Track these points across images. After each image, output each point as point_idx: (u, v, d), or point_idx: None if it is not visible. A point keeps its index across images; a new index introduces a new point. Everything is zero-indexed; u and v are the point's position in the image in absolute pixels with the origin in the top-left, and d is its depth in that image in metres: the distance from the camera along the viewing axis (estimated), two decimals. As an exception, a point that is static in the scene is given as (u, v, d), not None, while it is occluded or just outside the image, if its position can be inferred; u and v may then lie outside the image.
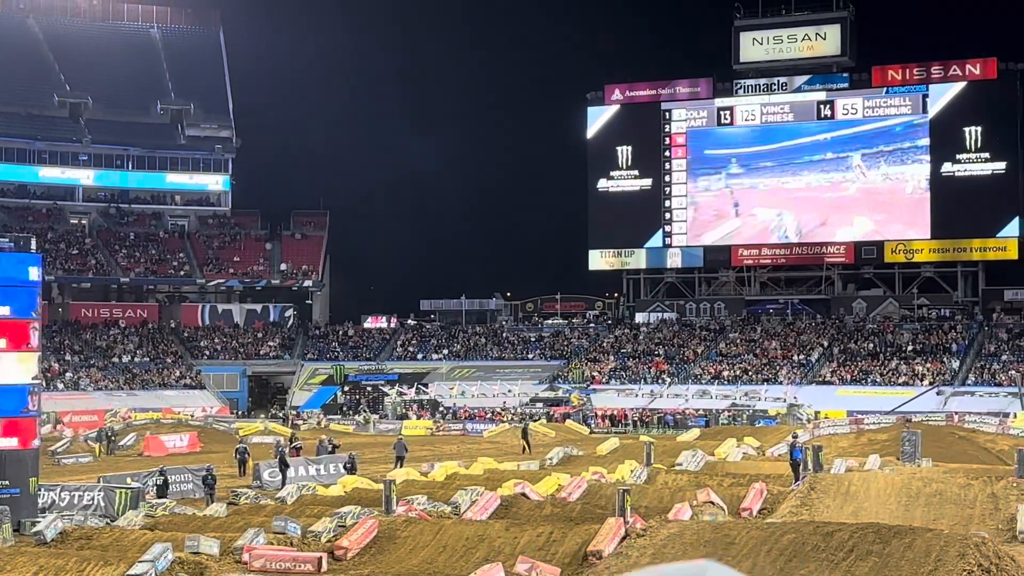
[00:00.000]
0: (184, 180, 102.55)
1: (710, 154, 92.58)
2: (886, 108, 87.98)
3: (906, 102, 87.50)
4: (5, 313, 31.52)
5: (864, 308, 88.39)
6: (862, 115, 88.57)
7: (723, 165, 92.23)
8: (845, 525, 24.26)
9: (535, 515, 30.71)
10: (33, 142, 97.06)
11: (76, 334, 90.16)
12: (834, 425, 60.46)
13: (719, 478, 38.03)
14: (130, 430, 61.68)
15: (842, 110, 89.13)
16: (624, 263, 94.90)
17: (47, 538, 28.14)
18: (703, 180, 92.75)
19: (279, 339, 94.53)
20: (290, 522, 28.28)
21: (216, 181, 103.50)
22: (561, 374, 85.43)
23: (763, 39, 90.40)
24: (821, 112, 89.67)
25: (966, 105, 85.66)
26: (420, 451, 55.11)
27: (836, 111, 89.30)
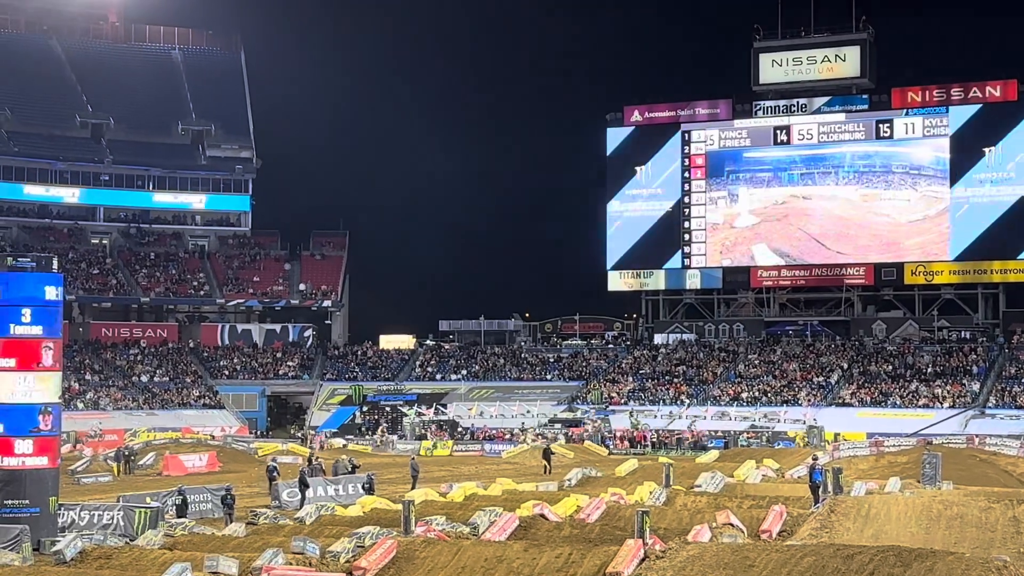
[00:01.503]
0: (205, 200, 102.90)
1: (729, 175, 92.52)
2: (906, 130, 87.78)
3: (926, 124, 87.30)
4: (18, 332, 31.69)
5: (884, 330, 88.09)
6: (882, 136, 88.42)
7: (742, 186, 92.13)
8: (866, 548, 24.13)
9: (554, 536, 30.63)
10: (55, 162, 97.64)
11: (96, 353, 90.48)
12: (854, 447, 60.27)
13: (738, 500, 37.88)
14: (149, 449, 61.80)
15: (861, 132, 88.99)
16: (643, 284, 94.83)
17: (67, 557, 28.18)
18: (722, 201, 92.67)
19: (298, 359, 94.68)
20: (309, 542, 28.28)
21: (236, 202, 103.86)
22: (580, 395, 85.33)
23: (782, 60, 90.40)
24: (841, 134, 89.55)
25: (986, 126, 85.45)
26: (438, 472, 55.11)
27: (855, 133, 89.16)
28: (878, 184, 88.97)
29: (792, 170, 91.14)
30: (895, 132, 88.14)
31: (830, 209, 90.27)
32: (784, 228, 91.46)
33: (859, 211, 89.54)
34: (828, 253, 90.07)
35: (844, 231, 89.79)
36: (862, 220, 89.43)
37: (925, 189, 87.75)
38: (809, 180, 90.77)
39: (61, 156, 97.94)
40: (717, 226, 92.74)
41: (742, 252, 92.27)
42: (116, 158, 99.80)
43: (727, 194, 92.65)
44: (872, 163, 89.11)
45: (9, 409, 31.96)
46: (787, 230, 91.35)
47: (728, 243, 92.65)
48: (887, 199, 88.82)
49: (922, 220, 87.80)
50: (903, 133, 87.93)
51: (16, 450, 31.50)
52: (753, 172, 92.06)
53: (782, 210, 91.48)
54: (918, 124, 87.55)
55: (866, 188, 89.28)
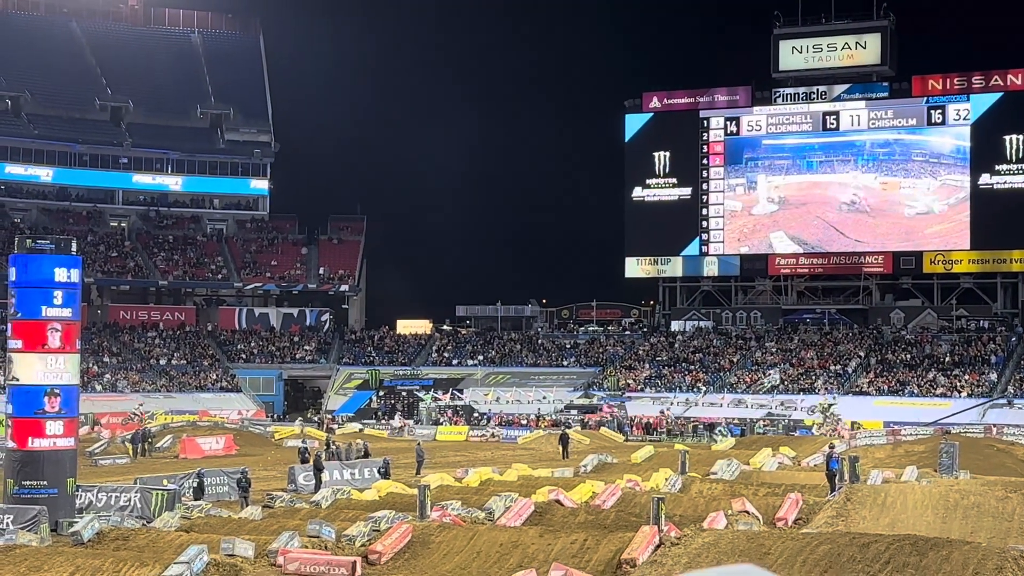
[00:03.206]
0: (223, 184, 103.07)
1: (748, 162, 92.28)
2: (926, 117, 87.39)
3: (946, 111, 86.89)
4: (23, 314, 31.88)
5: (902, 319, 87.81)
6: (902, 124, 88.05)
7: (761, 173, 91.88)
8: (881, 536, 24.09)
9: (569, 522, 30.67)
10: (74, 145, 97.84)
11: (115, 336, 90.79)
12: (871, 436, 60.14)
13: (754, 487, 37.87)
14: (166, 432, 62.05)
15: (882, 119, 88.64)
16: (660, 271, 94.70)
17: (84, 538, 28.33)
18: (740, 188, 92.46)
19: (315, 343, 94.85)
20: (324, 526, 28.38)
21: (254, 185, 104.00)
22: (596, 381, 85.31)
23: (802, 48, 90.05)
24: (861, 121, 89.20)
25: (1007, 115, 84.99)
26: (454, 457, 55.20)
27: (875, 120, 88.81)
28: (898, 172, 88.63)
29: (811, 157, 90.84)
30: (915, 120, 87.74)
31: (849, 197, 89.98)
32: (802, 216, 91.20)
33: (878, 199, 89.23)
34: (847, 241, 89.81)
35: (863, 219, 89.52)
36: (881, 208, 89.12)
37: (945, 177, 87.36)
38: (828, 168, 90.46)
39: (80, 139, 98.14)
40: (735, 213, 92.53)
41: (760, 239, 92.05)
42: (135, 141, 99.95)
43: (745, 181, 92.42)
44: (892, 151, 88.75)
45: (14, 390, 32.26)
46: (805, 218, 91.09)
47: (746, 230, 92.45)
48: (907, 187, 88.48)
49: (942, 209, 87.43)
50: (923, 121, 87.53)
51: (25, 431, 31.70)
52: (772, 159, 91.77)
53: (801, 197, 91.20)
54: (939, 111, 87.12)
55: (885, 176, 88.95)
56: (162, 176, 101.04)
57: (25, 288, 31.89)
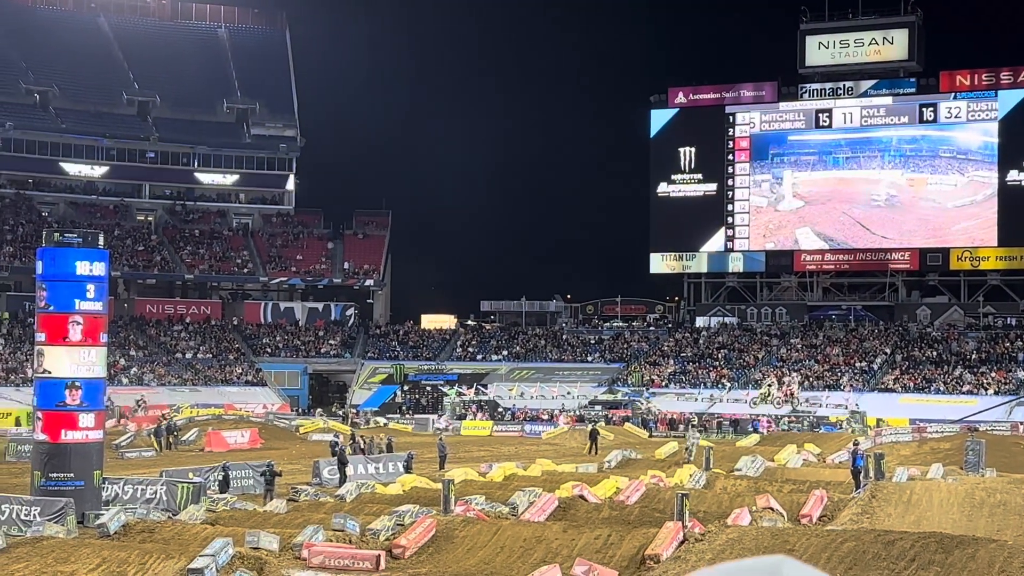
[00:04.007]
0: (248, 179, 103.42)
1: (774, 158, 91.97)
2: (954, 113, 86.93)
3: (974, 107, 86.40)
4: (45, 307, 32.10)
5: (928, 315, 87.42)
6: (929, 120, 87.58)
7: (787, 169, 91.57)
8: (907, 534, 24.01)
9: (593, 518, 30.67)
10: (101, 139, 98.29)
11: (141, 330, 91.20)
12: (896, 433, 59.95)
13: (779, 484, 37.78)
14: (192, 425, 62.31)
15: (909, 116, 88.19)
16: (685, 267, 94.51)
17: (110, 530, 28.48)
18: (766, 184, 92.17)
19: (340, 337, 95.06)
20: (349, 519, 28.44)
21: (280, 180, 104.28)
22: (620, 377, 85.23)
23: (829, 43, 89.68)
24: (887, 117, 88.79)
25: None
26: (478, 452, 55.24)
27: (902, 116, 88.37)
28: (924, 168, 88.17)
29: (837, 153, 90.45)
30: (942, 116, 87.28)
31: (875, 193, 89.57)
32: (828, 212, 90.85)
33: (905, 195, 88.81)
34: (873, 238, 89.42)
35: (889, 215, 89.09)
36: (908, 204, 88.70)
37: (972, 174, 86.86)
38: (854, 163, 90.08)
39: (108, 133, 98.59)
40: (760, 209, 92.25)
41: (786, 235, 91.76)
42: (162, 136, 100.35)
43: (771, 177, 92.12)
44: (919, 147, 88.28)
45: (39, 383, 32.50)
46: (831, 214, 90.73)
47: (772, 226, 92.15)
48: (934, 184, 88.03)
49: (969, 205, 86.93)
50: (950, 117, 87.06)
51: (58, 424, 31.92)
52: (798, 155, 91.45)
53: (827, 193, 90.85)
54: (966, 108, 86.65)
55: (912, 172, 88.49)
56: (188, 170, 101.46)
57: (53, 282, 32.06)
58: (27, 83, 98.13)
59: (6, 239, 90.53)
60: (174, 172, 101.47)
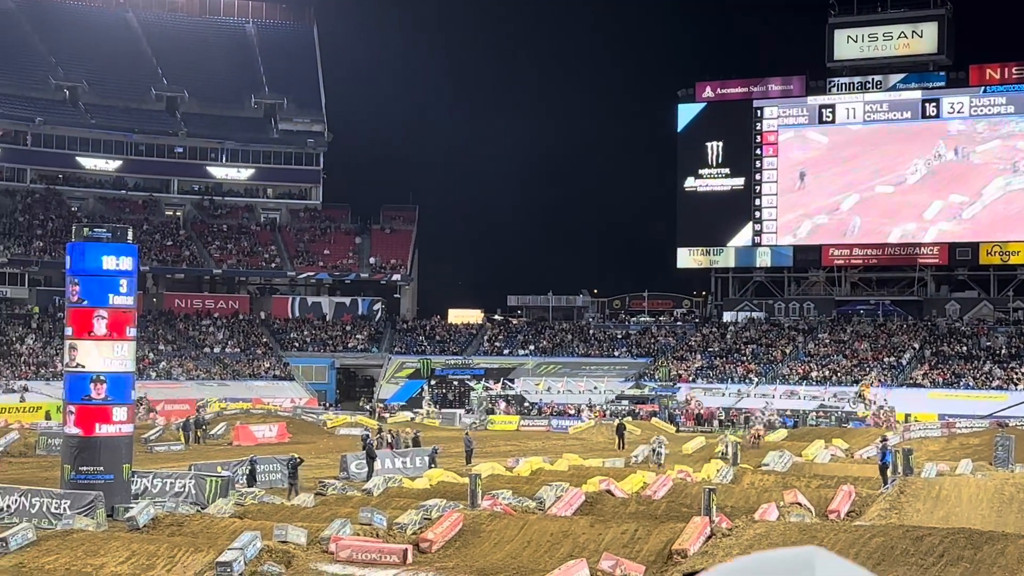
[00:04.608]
0: (276, 174, 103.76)
1: (802, 152, 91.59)
2: (983, 107, 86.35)
3: (1004, 101, 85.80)
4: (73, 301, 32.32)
5: (957, 310, 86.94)
6: (958, 114, 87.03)
7: (815, 164, 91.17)
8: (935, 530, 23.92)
9: (620, 512, 30.66)
10: (130, 135, 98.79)
11: (170, 324, 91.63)
12: (925, 428, 59.68)
13: (806, 479, 37.70)
14: (220, 419, 62.58)
15: (937, 110, 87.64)
16: (712, 261, 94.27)
17: (139, 524, 28.65)
18: (794, 179, 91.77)
19: (367, 332, 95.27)
20: (376, 513, 28.52)
21: (307, 175, 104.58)
22: (647, 372, 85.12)
23: (858, 37, 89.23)
24: (916, 111, 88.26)
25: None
26: (505, 446, 55.29)
27: (931, 110, 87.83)
28: (953, 162, 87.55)
29: (866, 146, 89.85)
30: (972, 109, 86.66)
31: (905, 187, 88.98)
32: (857, 205, 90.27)
33: (934, 189, 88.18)
34: (901, 232, 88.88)
35: (917, 209, 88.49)
36: (937, 198, 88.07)
37: (1003, 167, 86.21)
38: (883, 158, 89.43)
39: (136, 128, 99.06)
40: (789, 204, 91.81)
41: (813, 231, 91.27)
42: (190, 131, 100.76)
43: (799, 171, 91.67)
44: (948, 141, 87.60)
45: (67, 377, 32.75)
46: (859, 207, 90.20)
47: (799, 221, 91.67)
48: (963, 178, 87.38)
49: (999, 199, 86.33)
50: (981, 111, 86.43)
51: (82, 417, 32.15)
52: (826, 149, 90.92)
53: (855, 188, 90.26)
54: (996, 101, 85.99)
55: (941, 166, 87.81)
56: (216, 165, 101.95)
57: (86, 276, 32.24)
58: (56, 79, 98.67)
59: (36, 234, 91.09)
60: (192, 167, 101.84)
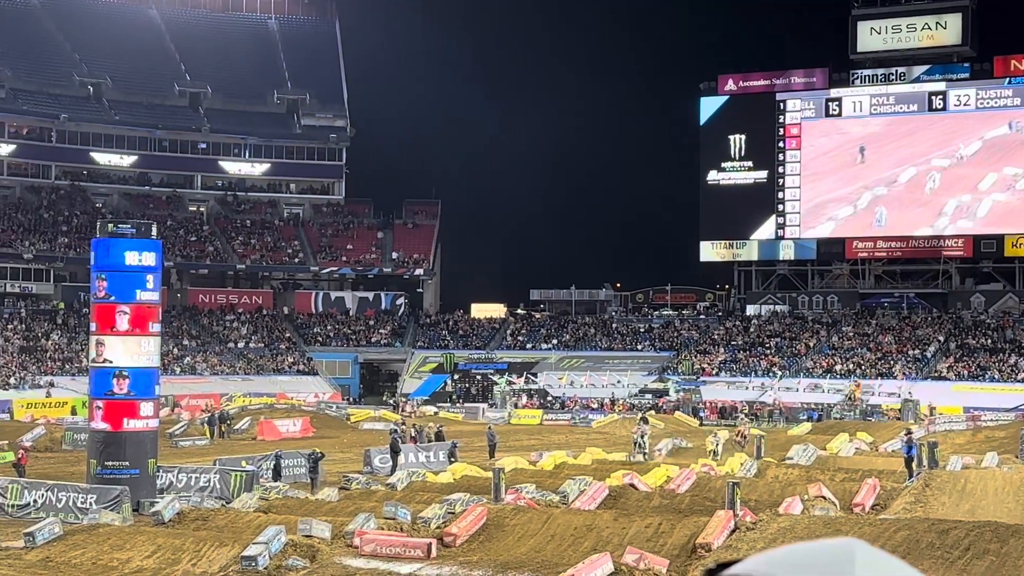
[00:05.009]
0: (299, 169, 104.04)
1: (825, 145, 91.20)
2: (1008, 99, 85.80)
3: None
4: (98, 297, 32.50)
5: (983, 303, 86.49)
6: (983, 106, 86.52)
7: (838, 156, 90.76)
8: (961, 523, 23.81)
9: (643, 506, 30.64)
10: (154, 131, 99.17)
11: (194, 319, 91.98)
12: (950, 421, 59.40)
13: (831, 473, 37.56)
14: (244, 414, 62.83)
15: (963, 101, 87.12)
16: (736, 255, 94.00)
17: (165, 518, 28.78)
18: (818, 171, 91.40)
19: (390, 327, 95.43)
20: (400, 508, 28.57)
21: (330, 170, 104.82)
22: (670, 365, 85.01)
23: (881, 28, 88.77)
24: (940, 103, 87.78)
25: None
26: (528, 440, 55.31)
27: (956, 102, 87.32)
28: (978, 153, 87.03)
29: (890, 139, 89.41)
30: (997, 101, 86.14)
31: (929, 179, 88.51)
32: (881, 198, 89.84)
33: (959, 181, 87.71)
34: (925, 224, 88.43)
35: (942, 202, 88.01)
36: (962, 190, 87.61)
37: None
38: (908, 149, 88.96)
39: (160, 124, 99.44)
40: (812, 197, 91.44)
41: (837, 223, 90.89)
42: (213, 127, 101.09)
43: (822, 164, 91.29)
44: (973, 133, 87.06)
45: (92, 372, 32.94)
46: (884, 200, 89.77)
47: (823, 213, 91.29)
48: (988, 169, 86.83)
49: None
50: (1005, 102, 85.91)
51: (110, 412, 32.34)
52: (849, 141, 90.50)
53: (878, 180, 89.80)
54: (1021, 93, 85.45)
55: (966, 158, 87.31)
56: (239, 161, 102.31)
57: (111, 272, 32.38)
58: (81, 75, 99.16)
59: (60, 230, 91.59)
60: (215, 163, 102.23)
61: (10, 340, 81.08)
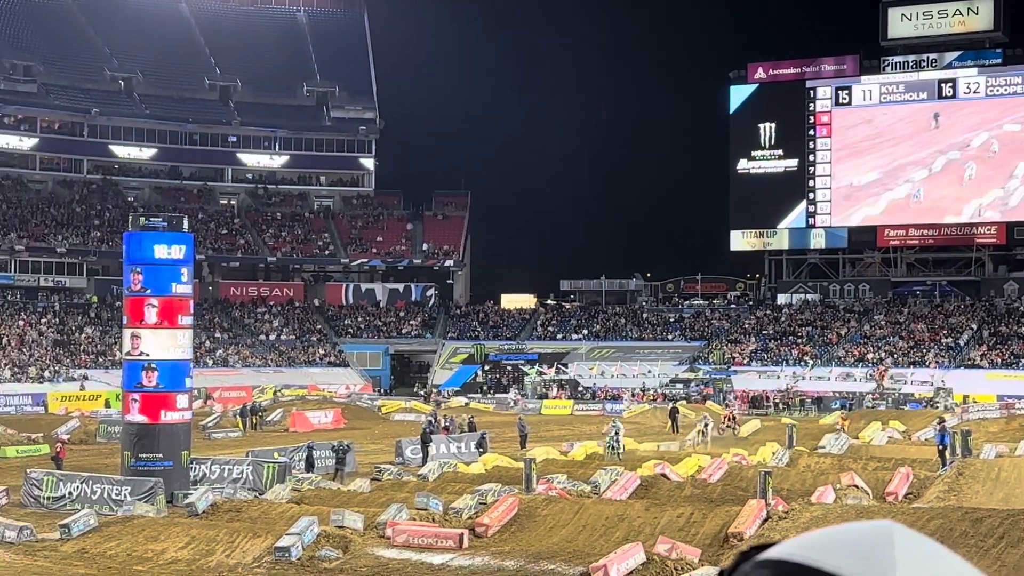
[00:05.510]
0: (329, 161, 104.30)
1: (856, 133, 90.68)
2: None
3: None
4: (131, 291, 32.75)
5: (1016, 290, 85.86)
6: (1017, 91, 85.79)
7: (869, 144, 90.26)
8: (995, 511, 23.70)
9: (675, 496, 30.64)
10: (184, 124, 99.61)
11: (225, 312, 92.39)
12: (983, 410, 59.07)
13: (863, 462, 37.45)
14: (276, 406, 63.11)
15: (995, 87, 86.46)
16: (766, 244, 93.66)
17: (198, 509, 28.99)
18: (848, 159, 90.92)
19: (421, 318, 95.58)
20: (432, 498, 28.66)
21: (360, 162, 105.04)
22: (701, 355, 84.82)
23: (912, 15, 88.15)
24: (973, 88, 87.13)
25: None
26: (559, 431, 55.35)
27: (989, 88, 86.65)
28: (1012, 140, 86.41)
29: (922, 126, 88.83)
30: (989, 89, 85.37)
31: (960, 166, 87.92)
32: (912, 186, 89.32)
33: (991, 167, 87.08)
34: (958, 212, 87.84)
35: (975, 189, 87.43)
36: (995, 177, 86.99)
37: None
38: (939, 136, 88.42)
39: (190, 118, 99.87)
40: (843, 185, 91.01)
41: (869, 211, 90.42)
42: (243, 120, 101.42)
43: (853, 152, 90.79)
44: (1006, 119, 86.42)
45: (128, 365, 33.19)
46: (915, 188, 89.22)
47: (854, 202, 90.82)
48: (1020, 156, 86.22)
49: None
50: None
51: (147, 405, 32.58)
52: (880, 129, 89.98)
53: (910, 167, 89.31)
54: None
55: (999, 144, 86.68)
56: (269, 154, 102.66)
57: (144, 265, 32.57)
58: (112, 70, 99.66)
59: (93, 224, 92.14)
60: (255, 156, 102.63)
61: (44, 334, 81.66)
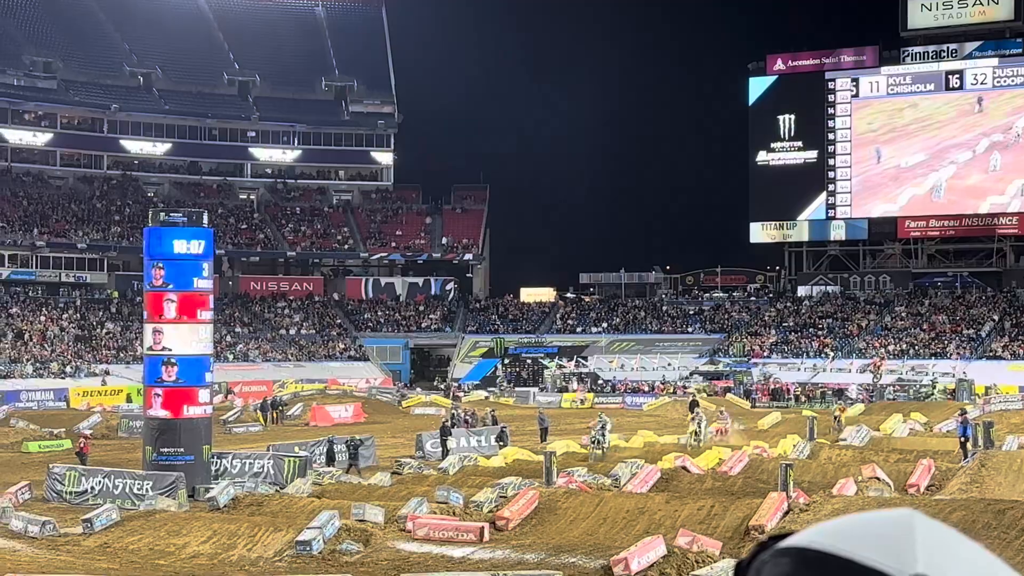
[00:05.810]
0: (348, 155, 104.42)
1: (875, 124, 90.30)
2: None
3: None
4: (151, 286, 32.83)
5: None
6: None
7: (889, 135, 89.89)
8: (1018, 503, 23.60)
9: (695, 489, 30.57)
10: (203, 119, 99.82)
11: (245, 307, 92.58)
12: (1006, 401, 58.78)
13: (884, 454, 37.33)
14: (297, 400, 63.26)
15: (1014, 77, 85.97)
16: (786, 236, 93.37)
17: (220, 504, 29.07)
18: (868, 151, 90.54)
19: (440, 312, 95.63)
20: (452, 492, 28.69)
21: (379, 156, 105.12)
22: (722, 348, 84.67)
23: (932, 5, 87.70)
24: (994, 79, 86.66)
25: None
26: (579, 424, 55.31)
27: (1010, 78, 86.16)
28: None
29: (942, 116, 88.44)
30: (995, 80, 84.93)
31: (982, 156, 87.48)
32: (933, 176, 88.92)
33: (1013, 157, 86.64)
34: (980, 202, 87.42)
35: (997, 180, 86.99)
36: (1017, 168, 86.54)
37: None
38: (960, 127, 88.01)
39: (209, 113, 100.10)
40: (863, 176, 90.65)
41: (889, 203, 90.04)
42: (262, 115, 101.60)
43: (873, 143, 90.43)
44: None
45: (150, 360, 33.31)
46: (935, 178, 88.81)
47: (874, 193, 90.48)
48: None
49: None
50: None
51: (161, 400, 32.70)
52: (900, 119, 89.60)
53: (931, 159, 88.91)
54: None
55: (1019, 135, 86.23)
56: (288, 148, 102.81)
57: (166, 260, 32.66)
58: (131, 66, 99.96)
59: (113, 219, 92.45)
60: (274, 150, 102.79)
61: (65, 329, 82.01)
